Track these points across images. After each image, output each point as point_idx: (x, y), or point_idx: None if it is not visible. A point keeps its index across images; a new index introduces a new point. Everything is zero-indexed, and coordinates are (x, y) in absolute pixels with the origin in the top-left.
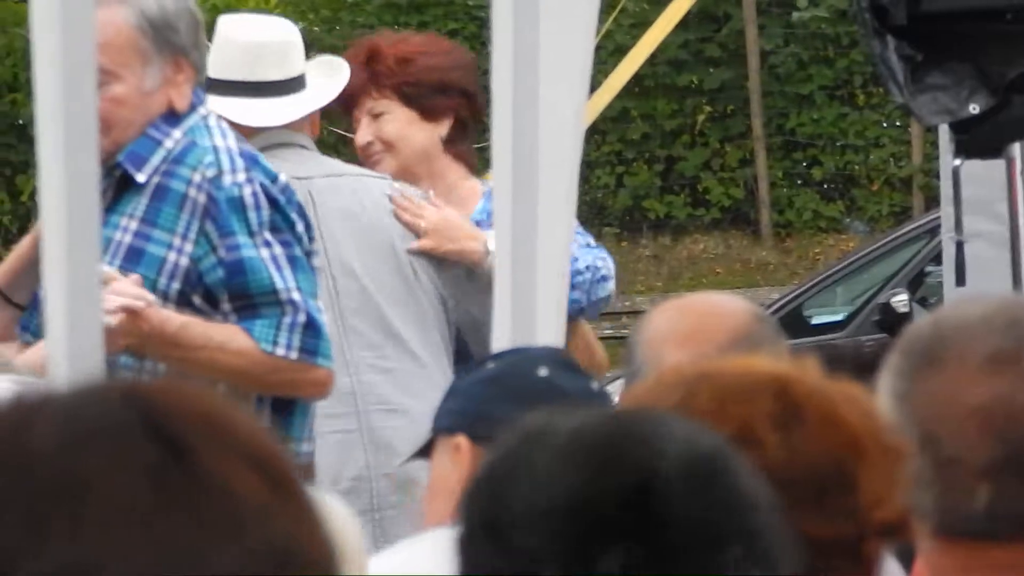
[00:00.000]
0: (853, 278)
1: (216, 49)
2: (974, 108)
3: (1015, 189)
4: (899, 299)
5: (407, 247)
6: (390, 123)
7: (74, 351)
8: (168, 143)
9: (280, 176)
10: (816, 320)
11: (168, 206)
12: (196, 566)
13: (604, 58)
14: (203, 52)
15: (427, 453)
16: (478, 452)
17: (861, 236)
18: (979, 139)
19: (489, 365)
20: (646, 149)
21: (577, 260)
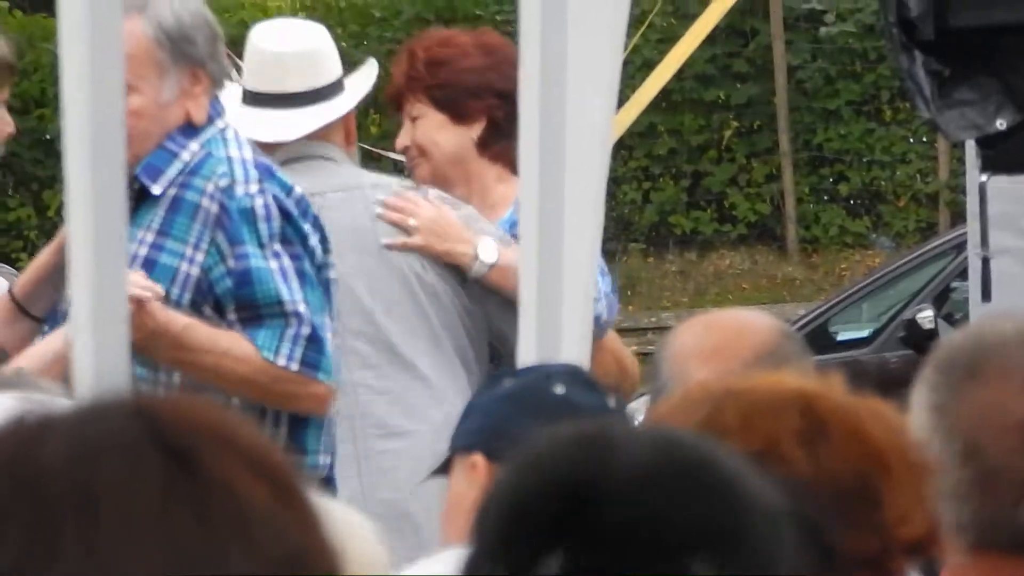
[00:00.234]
0: (879, 294)
1: (246, 59)
2: (1001, 124)
3: None
4: (925, 315)
5: (391, 242)
6: (422, 127)
7: (100, 364)
8: (185, 155)
9: (296, 188)
10: (842, 336)
11: (182, 217)
12: (208, 574)
13: (632, 73)
14: (222, 64)
15: (445, 471)
16: (495, 470)
17: (887, 252)
18: (1006, 155)
19: (506, 382)
20: (673, 164)
21: None
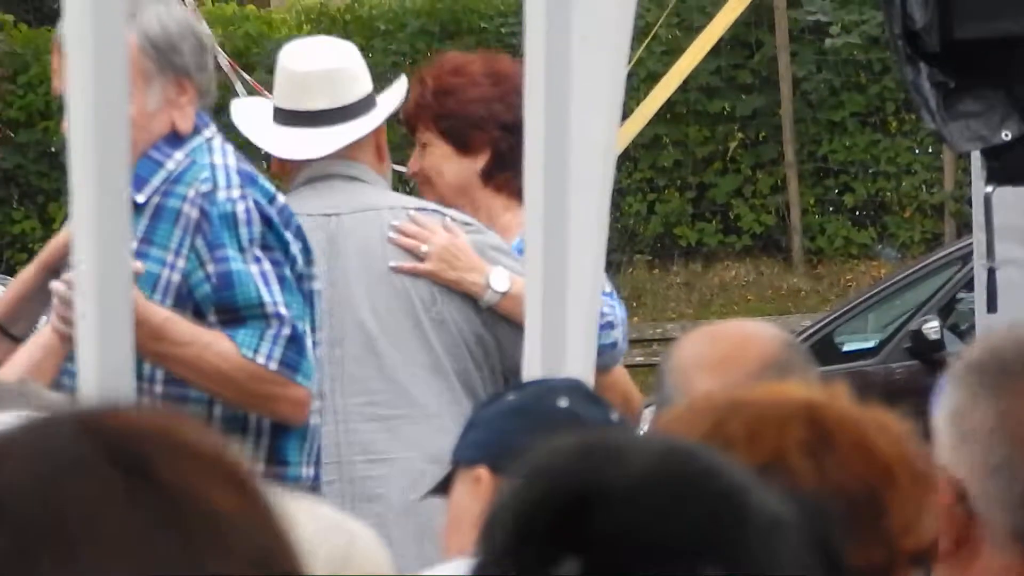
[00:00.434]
0: (884, 305)
1: (276, 78)
2: (1006, 135)
3: None
4: (930, 326)
5: (399, 266)
6: (429, 156)
7: (106, 376)
8: (170, 164)
9: (278, 196)
10: (848, 347)
11: (164, 224)
12: None
13: (636, 85)
14: (210, 75)
15: (445, 488)
16: (499, 483)
17: (893, 263)
18: (1011, 166)
19: (509, 396)
20: (678, 176)
21: None
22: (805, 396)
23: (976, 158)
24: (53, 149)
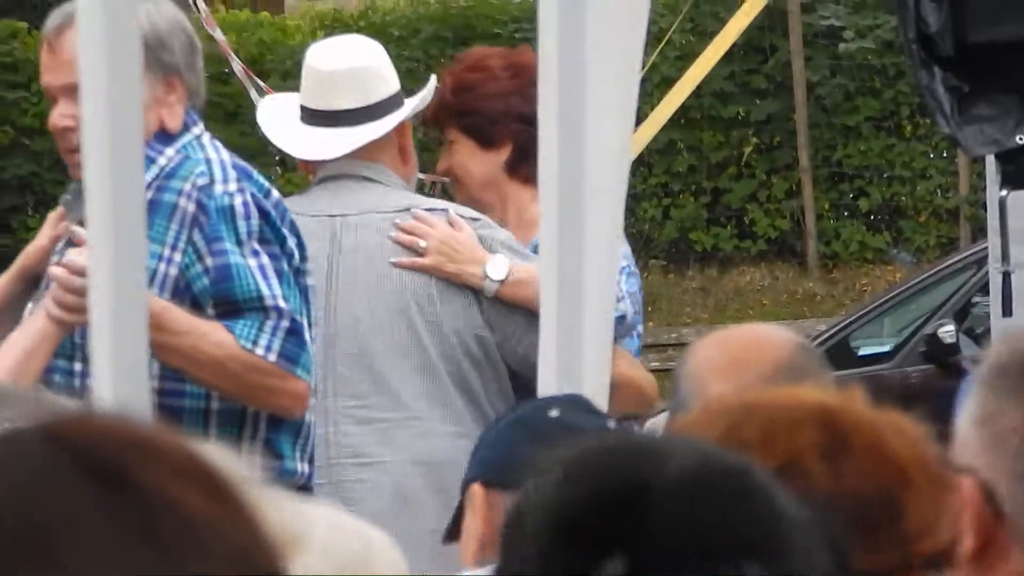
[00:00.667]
0: (900, 309)
1: (303, 76)
2: (1020, 139)
3: None
4: (946, 330)
5: (400, 261)
6: (456, 154)
7: (119, 380)
8: (162, 160)
9: (273, 192)
10: (863, 351)
11: (159, 218)
12: None
13: (650, 90)
14: (199, 74)
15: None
16: (492, 497)
17: (908, 267)
18: None
19: (508, 414)
20: (692, 181)
21: None
22: (820, 399)
23: (991, 162)
24: None
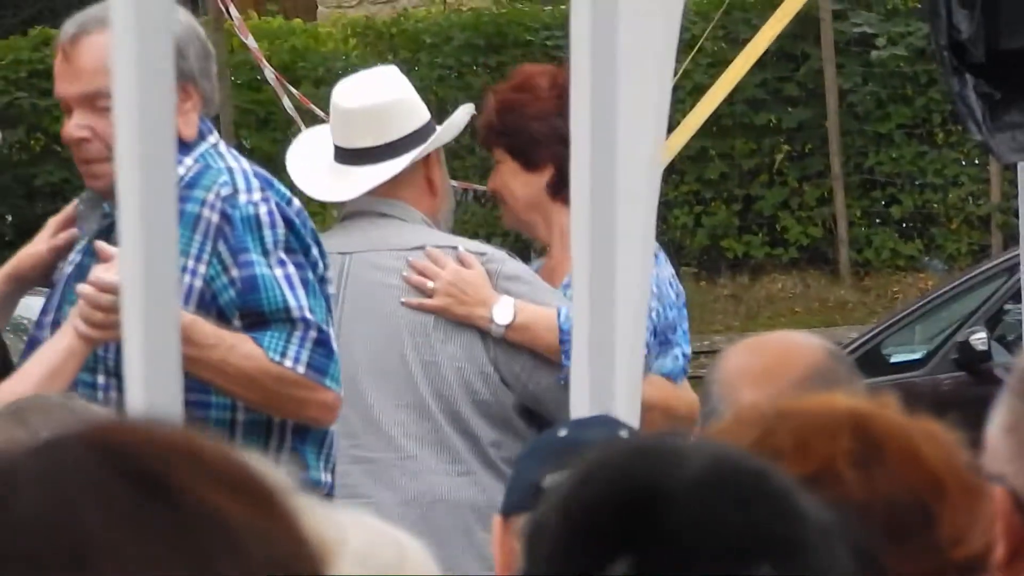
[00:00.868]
0: (931, 316)
1: (331, 114)
2: None
3: None
4: (977, 337)
5: (409, 301)
6: (501, 173)
7: (152, 393)
8: (180, 170)
9: (294, 200)
10: (895, 358)
11: (182, 229)
12: None
13: (682, 97)
14: (213, 81)
15: None
16: (509, 524)
17: (939, 274)
18: None
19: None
20: (724, 188)
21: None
22: (853, 406)
23: (1023, 169)
24: None
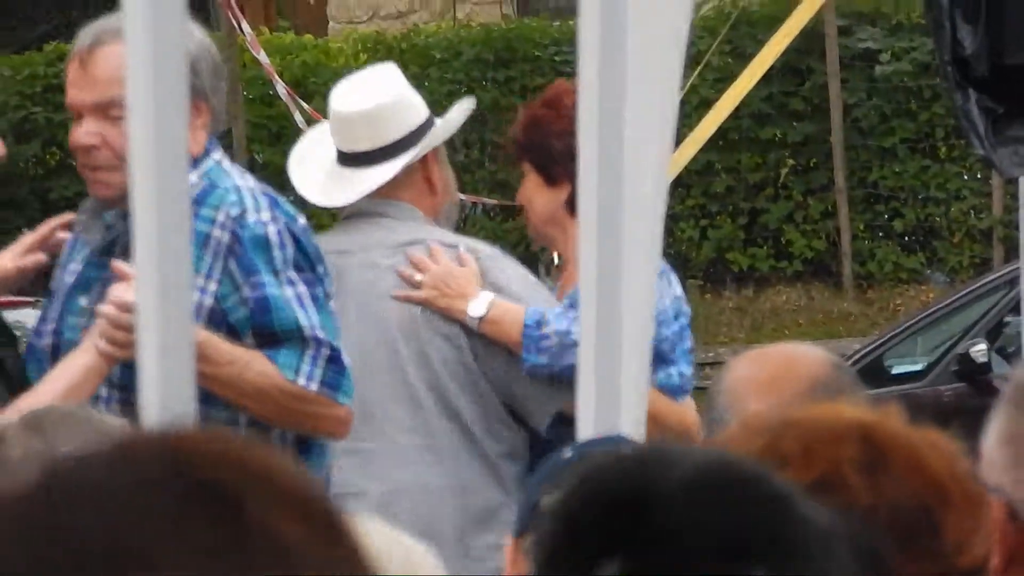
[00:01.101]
0: (933, 328)
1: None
2: None
3: None
4: (978, 349)
5: (399, 294)
6: (525, 187)
7: (167, 411)
8: None
9: (299, 218)
10: (897, 370)
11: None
12: None
13: (689, 112)
14: (222, 97)
15: None
16: (517, 544)
17: (941, 287)
18: None
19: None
20: (730, 202)
21: (549, 323)
22: (858, 415)
23: None
24: None
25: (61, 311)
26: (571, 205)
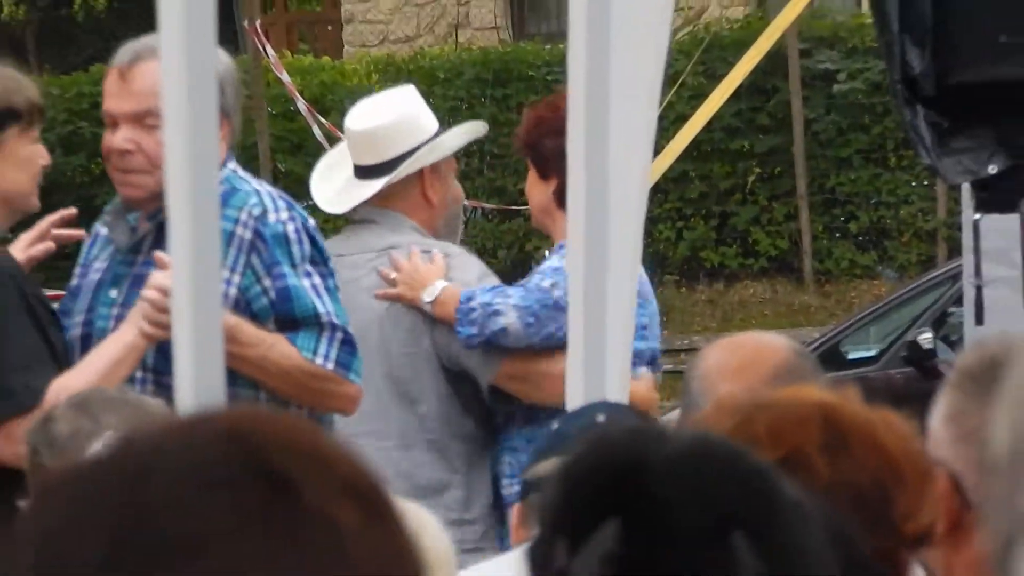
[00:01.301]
0: (885, 319)
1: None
2: (993, 168)
3: None
4: (925, 337)
5: (381, 292)
6: (528, 180)
7: (200, 389)
8: None
9: (309, 219)
10: (852, 356)
11: None
12: None
13: (666, 126)
14: (239, 115)
15: None
16: (521, 509)
17: (892, 282)
18: (997, 196)
19: None
20: (703, 206)
21: (475, 298)
22: (822, 399)
23: (966, 189)
24: None
25: (91, 303)
26: (559, 197)
